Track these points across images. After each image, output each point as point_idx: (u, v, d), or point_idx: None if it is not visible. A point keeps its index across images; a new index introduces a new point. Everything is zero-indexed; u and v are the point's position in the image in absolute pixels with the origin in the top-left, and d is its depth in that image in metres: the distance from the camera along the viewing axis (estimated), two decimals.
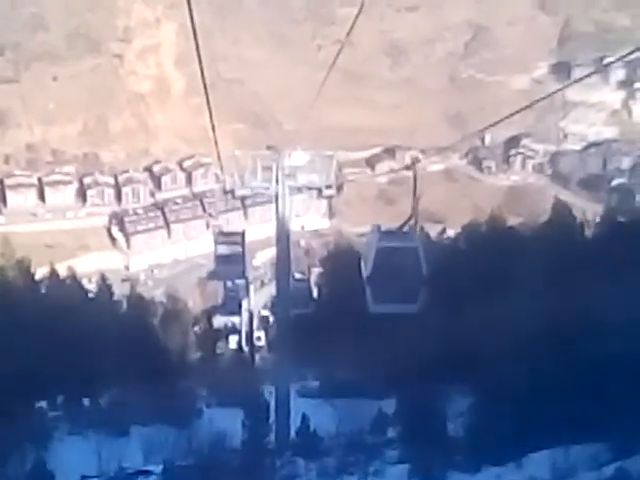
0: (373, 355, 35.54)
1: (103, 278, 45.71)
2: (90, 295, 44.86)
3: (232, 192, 27.62)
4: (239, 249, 28.62)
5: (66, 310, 39.22)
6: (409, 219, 14.24)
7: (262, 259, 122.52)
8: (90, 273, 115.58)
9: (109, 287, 45.02)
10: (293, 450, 26.04)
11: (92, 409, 32.83)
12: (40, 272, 44.36)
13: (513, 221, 51.11)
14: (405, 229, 14.81)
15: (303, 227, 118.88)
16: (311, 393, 35.92)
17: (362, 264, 14.76)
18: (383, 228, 14.75)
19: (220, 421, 32.52)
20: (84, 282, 53.19)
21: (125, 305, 50.43)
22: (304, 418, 26.22)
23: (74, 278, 43.98)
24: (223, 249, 28.83)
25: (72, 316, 38.21)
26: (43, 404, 33.47)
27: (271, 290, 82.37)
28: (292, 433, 28.39)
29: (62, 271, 50.46)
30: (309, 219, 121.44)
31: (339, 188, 31.26)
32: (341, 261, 41.25)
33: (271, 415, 29.73)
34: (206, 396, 36.20)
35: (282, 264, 26.58)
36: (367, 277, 14.40)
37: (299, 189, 27.15)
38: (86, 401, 33.15)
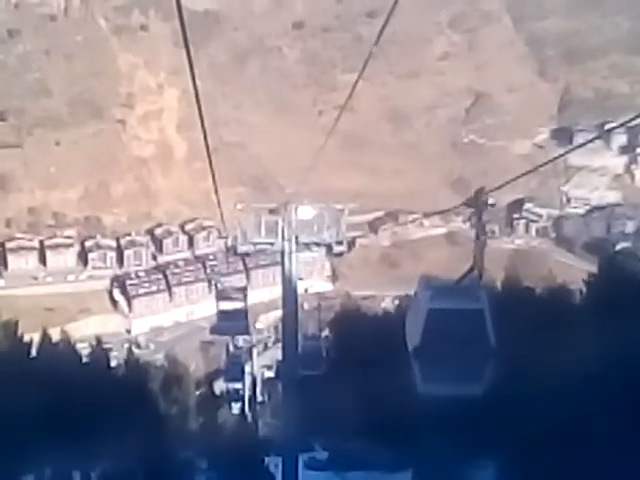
0: (386, 422, 32.68)
1: (99, 341, 42.82)
2: (85, 360, 41.90)
3: (234, 249, 24.89)
4: (241, 304, 27.47)
5: (57, 376, 36.41)
6: (470, 270, 10.07)
7: (265, 322, 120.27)
8: (90, 337, 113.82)
9: (105, 351, 42.14)
10: None
11: None
12: (30, 336, 41.66)
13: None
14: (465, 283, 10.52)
15: (307, 290, 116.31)
16: (320, 465, 32.87)
17: (407, 331, 11.04)
18: (436, 283, 10.73)
19: None
20: (82, 346, 50.35)
21: (122, 370, 47.61)
22: None
23: (68, 342, 41.06)
24: (225, 305, 27.70)
25: (63, 382, 35.36)
26: (30, 479, 30.43)
27: (275, 354, 79.57)
28: None
29: (58, 336, 47.85)
30: (312, 282, 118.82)
31: (350, 245, 28.89)
32: (349, 324, 38.47)
33: None
34: (206, 469, 33.24)
35: (289, 324, 23.82)
36: (414, 348, 10.65)
37: (307, 245, 24.45)
38: (77, 476, 30.13)
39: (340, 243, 23.80)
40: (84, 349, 51.37)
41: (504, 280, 44.87)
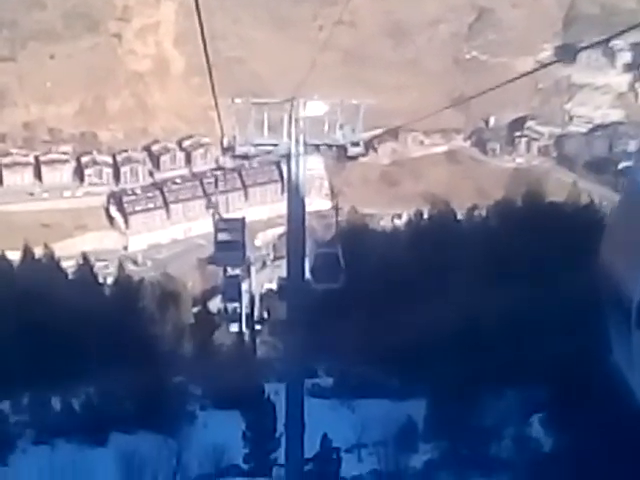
0: (398, 345, 29.50)
1: (85, 258, 39.50)
2: (70, 277, 38.67)
3: (231, 149, 21.13)
4: (239, 236, 25.31)
5: (39, 293, 33.20)
6: None
7: (263, 240, 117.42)
8: (87, 253, 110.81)
9: (91, 268, 38.85)
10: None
11: (63, 412, 26.68)
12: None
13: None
14: None
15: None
16: (324, 392, 29.73)
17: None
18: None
19: (216, 429, 26.51)
20: (72, 263, 47.00)
21: (112, 288, 44.51)
22: (325, 441, 19.91)
23: (51, 258, 37.76)
24: (223, 236, 25.53)
25: (46, 300, 32.14)
26: (5, 406, 27.29)
27: (273, 272, 76.43)
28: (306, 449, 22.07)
29: (56, 251, 44.85)
30: (310, 200, 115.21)
31: (368, 147, 25.35)
32: (358, 240, 34.99)
33: (278, 422, 23.65)
34: (200, 396, 30.14)
35: (295, 234, 20.40)
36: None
37: (316, 147, 20.75)
38: (57, 402, 26.97)
39: (356, 144, 20.15)
40: (75, 266, 48.15)
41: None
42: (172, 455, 23.45)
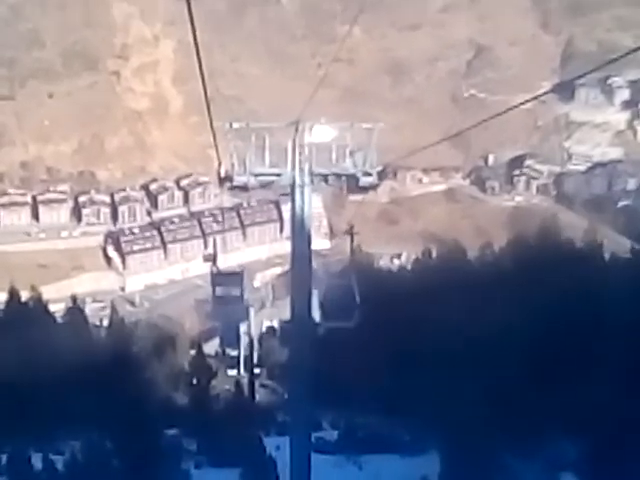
0: (410, 394, 27.05)
1: (74, 300, 37.07)
2: (59, 320, 36.24)
3: (229, 180, 18.62)
4: (238, 290, 24.96)
5: (25, 338, 30.76)
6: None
7: (262, 280, 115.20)
8: (84, 294, 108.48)
9: (81, 310, 36.44)
10: None
11: (46, 471, 24.06)
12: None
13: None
14: None
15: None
16: (328, 447, 27.07)
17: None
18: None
19: None
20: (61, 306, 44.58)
21: (107, 330, 42.06)
22: None
23: (38, 300, 35.34)
24: (221, 290, 25.20)
25: (31, 346, 29.68)
26: None
27: (272, 313, 73.86)
28: None
29: (52, 293, 42.56)
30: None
31: (382, 177, 22.88)
32: (365, 278, 32.48)
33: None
34: (195, 452, 27.52)
35: (300, 274, 17.98)
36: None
37: (324, 177, 18.33)
38: (37, 460, 24.35)
39: (368, 174, 17.75)
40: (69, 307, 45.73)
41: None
42: None
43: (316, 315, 17.96)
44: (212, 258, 53.14)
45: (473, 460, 23.70)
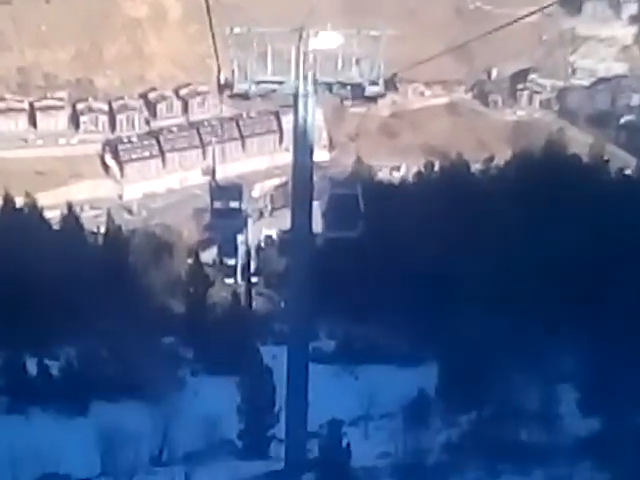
0: (409, 304, 26.77)
1: (70, 207, 36.55)
2: (55, 227, 35.76)
3: (229, 87, 17.93)
4: (237, 203, 24.10)
5: (20, 244, 30.39)
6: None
7: (261, 191, 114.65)
8: (82, 202, 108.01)
9: (77, 218, 35.96)
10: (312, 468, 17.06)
11: (40, 377, 23.91)
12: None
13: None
14: None
15: None
16: (325, 357, 26.91)
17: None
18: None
19: (208, 398, 23.79)
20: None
21: (104, 237, 41.62)
22: (333, 427, 17.10)
23: (33, 207, 34.83)
24: (220, 204, 24.30)
25: (26, 252, 29.31)
26: None
27: (271, 223, 73.54)
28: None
29: (50, 199, 42.04)
30: None
31: (389, 86, 21.86)
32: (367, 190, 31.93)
33: (277, 392, 20.92)
34: (192, 360, 27.38)
35: (301, 185, 17.51)
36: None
37: (328, 85, 17.65)
38: (32, 366, 24.17)
39: (374, 83, 17.10)
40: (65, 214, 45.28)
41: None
42: (158, 429, 20.76)
43: (318, 225, 17.54)
44: (211, 171, 52.62)
45: (471, 373, 23.48)
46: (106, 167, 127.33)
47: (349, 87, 17.69)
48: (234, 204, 20.93)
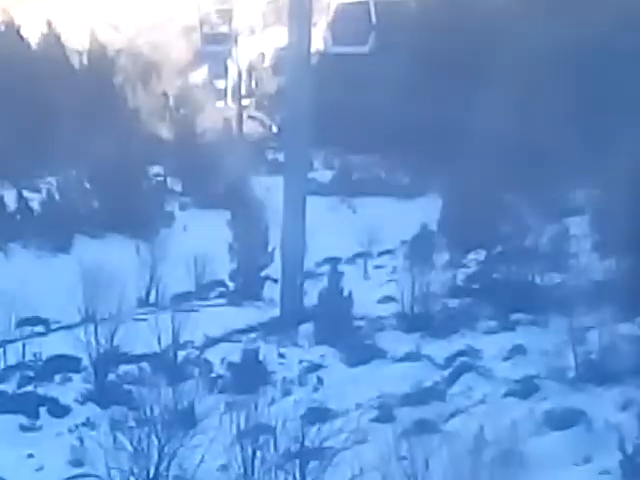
0: (411, 134, 24.73)
1: (49, 25, 33.98)
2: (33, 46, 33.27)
3: None
4: (227, 28, 26.25)
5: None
6: None
7: (252, 7, 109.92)
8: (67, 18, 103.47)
9: (57, 36, 33.49)
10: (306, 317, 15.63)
11: (19, 211, 22.23)
12: None
13: None
14: None
15: None
16: (320, 188, 25.03)
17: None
18: None
19: (197, 233, 22.33)
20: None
21: (88, 56, 38.89)
22: (334, 277, 15.61)
23: (11, 24, 32.32)
24: (209, 28, 27.39)
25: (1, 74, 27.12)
26: None
27: (263, 41, 70.32)
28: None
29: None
30: None
31: None
32: None
33: (270, 229, 19.43)
34: (180, 193, 25.60)
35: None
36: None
37: None
38: (11, 198, 22.44)
39: None
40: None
41: None
42: (145, 267, 19.30)
43: (325, 40, 15.74)
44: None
45: (476, 206, 21.82)
46: None
47: None
48: (224, 28, 19.47)
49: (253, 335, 14.79)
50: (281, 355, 13.76)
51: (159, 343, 13.86)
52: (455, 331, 13.77)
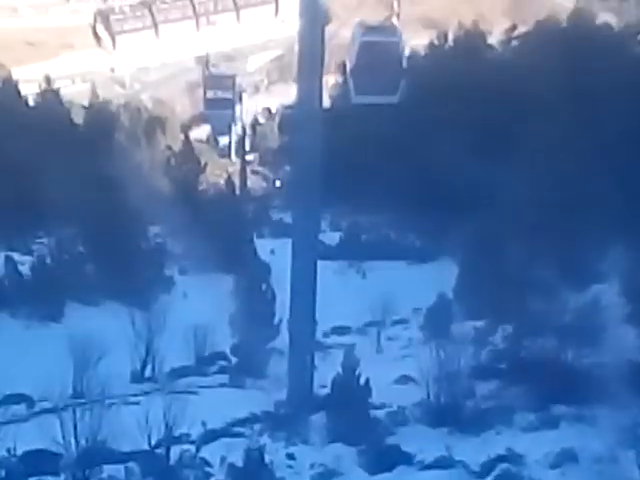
0: (423, 194, 23.22)
1: (48, 80, 32.59)
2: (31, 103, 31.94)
3: None
4: (230, 93, 25.60)
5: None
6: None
7: (257, 64, 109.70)
8: (73, 75, 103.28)
9: (55, 92, 32.08)
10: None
11: (9, 277, 20.48)
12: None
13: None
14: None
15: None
16: (328, 251, 23.31)
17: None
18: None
19: (198, 299, 20.57)
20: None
21: (94, 110, 37.66)
22: (348, 359, 13.71)
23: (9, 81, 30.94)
24: (212, 94, 26.16)
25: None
26: None
27: (268, 99, 69.32)
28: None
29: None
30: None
31: None
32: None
33: (277, 300, 17.71)
34: (181, 255, 23.90)
35: (310, 53, 14.01)
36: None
37: None
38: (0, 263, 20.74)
39: None
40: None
41: None
42: (142, 338, 17.50)
43: (347, 90, 14.14)
44: (205, 61, 48.80)
45: (495, 272, 20.09)
46: (98, 39, 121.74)
47: None
48: (227, 94, 18.76)
49: (257, 426, 12.83)
50: (290, 456, 11.83)
51: (149, 437, 11.93)
52: (489, 426, 11.89)
